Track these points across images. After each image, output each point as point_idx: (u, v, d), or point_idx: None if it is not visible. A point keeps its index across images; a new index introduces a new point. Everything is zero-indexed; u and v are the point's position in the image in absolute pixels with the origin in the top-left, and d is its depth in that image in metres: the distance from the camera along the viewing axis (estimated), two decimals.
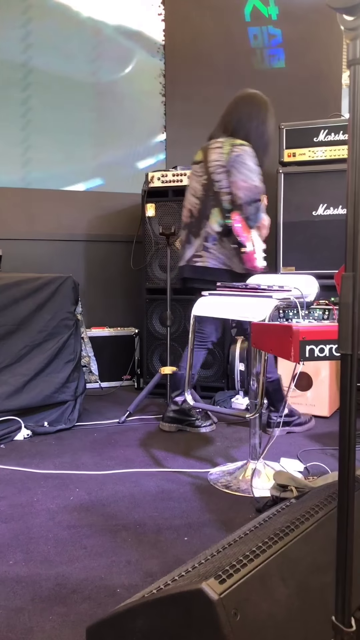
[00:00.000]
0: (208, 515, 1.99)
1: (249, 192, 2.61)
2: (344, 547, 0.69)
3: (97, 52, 4.19)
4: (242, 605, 0.96)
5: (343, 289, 0.65)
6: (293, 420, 2.95)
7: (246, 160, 2.63)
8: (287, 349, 1.56)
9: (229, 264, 2.74)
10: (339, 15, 0.63)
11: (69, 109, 4.13)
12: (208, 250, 2.76)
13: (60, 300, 3.00)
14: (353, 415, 0.67)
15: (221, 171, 2.70)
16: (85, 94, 4.18)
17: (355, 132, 0.62)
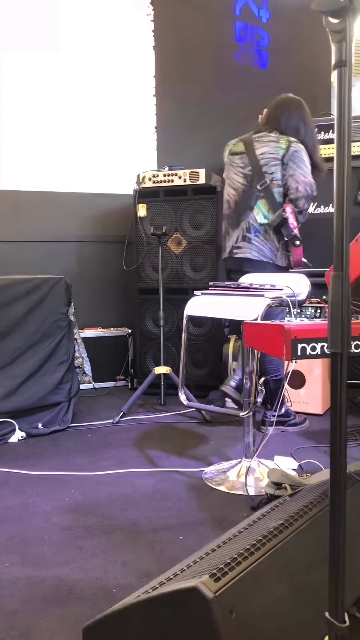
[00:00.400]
0: (203, 514, 2.00)
1: (308, 187, 2.66)
2: (337, 543, 0.70)
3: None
4: (237, 603, 0.97)
5: (332, 289, 0.66)
6: (288, 420, 2.97)
7: (304, 157, 2.68)
8: (279, 347, 1.57)
9: (271, 257, 2.76)
10: (324, 18, 0.64)
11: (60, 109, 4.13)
12: (250, 241, 2.77)
13: (53, 302, 3.00)
14: (344, 412, 0.67)
15: (276, 164, 2.70)
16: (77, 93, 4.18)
17: (342, 134, 0.63)
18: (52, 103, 4.10)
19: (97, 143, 4.24)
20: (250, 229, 2.76)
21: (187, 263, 3.71)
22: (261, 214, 2.74)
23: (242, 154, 2.84)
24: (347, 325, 0.65)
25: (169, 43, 4.35)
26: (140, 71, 4.32)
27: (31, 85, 4.04)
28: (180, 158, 4.18)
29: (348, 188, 0.64)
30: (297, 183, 2.65)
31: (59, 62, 4.09)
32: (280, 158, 2.69)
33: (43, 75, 4.06)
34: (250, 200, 2.77)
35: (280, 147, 2.70)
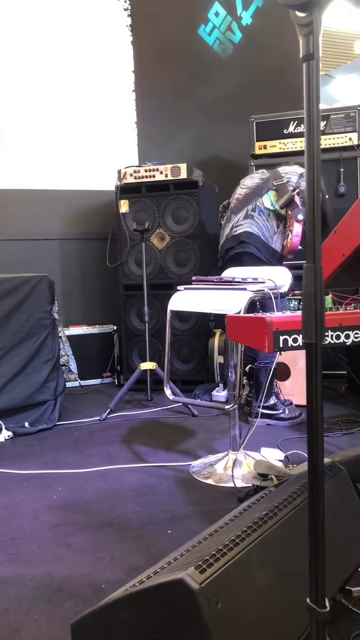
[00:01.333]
0: (191, 507, 2.01)
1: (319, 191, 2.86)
2: (316, 529, 0.71)
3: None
4: (223, 594, 0.98)
5: (305, 280, 0.67)
6: (276, 413, 2.97)
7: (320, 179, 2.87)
8: (262, 339, 1.58)
9: (268, 238, 2.90)
10: (291, 12, 0.64)
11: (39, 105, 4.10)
12: (252, 218, 2.93)
13: (36, 300, 2.99)
14: (319, 403, 0.68)
15: (294, 174, 2.94)
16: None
17: (311, 126, 0.64)
18: (30, 100, 4.07)
19: (77, 139, 4.22)
20: (255, 209, 2.93)
21: (171, 258, 3.71)
22: (269, 200, 2.92)
23: (263, 172, 3.09)
24: (321, 315, 0.66)
25: (147, 38, 4.34)
26: (119, 67, 4.30)
27: (7, 82, 4.01)
28: (161, 153, 4.17)
29: (319, 180, 0.65)
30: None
31: (37, 59, 4.06)
32: (300, 173, 2.93)
33: (20, 73, 4.02)
34: (261, 190, 2.96)
35: (303, 169, 2.92)
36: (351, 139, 3.53)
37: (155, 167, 3.68)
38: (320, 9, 0.62)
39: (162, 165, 3.67)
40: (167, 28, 4.38)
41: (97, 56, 4.23)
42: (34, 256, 4.08)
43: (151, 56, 4.36)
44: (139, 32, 4.31)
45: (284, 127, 3.67)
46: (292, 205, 2.86)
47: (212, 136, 4.43)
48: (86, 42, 4.19)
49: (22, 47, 4.00)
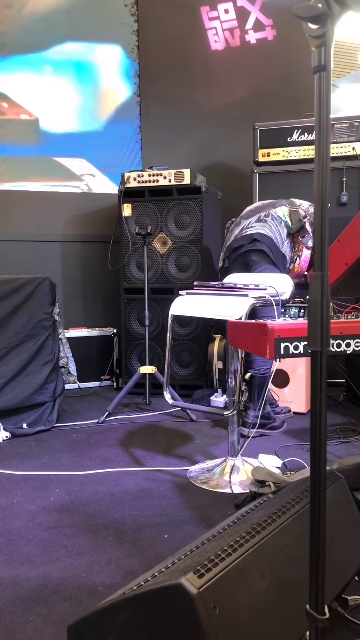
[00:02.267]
0: (188, 512, 2.01)
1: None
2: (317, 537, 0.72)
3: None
4: (221, 599, 0.98)
5: (312, 288, 0.67)
6: (268, 422, 2.95)
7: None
8: (263, 346, 1.58)
9: (279, 242, 2.93)
10: (304, 23, 0.65)
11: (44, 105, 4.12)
12: (265, 222, 2.97)
13: (38, 302, 2.99)
14: (323, 410, 0.69)
15: (305, 204, 3.03)
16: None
17: (321, 136, 0.64)
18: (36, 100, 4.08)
19: (82, 143, 4.23)
20: (268, 215, 2.99)
21: (172, 263, 3.72)
22: (282, 212, 2.98)
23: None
24: (327, 323, 0.66)
25: (154, 43, 4.36)
26: (124, 70, 4.32)
27: (16, 83, 4.03)
28: (165, 158, 4.19)
29: (327, 190, 0.66)
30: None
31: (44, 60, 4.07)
32: (309, 205, 3.02)
33: (28, 74, 4.04)
34: (275, 204, 3.04)
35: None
36: (354, 149, 3.54)
37: (158, 172, 3.69)
38: (333, 21, 0.63)
39: (166, 170, 3.68)
40: (173, 34, 4.40)
41: (103, 60, 4.25)
42: (35, 257, 4.09)
43: (157, 61, 4.38)
44: (145, 37, 4.33)
45: (288, 135, 3.68)
46: (302, 231, 2.91)
47: (216, 142, 4.45)
48: (93, 45, 4.20)
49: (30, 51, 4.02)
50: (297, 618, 1.10)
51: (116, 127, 4.34)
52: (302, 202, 3.06)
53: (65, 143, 4.20)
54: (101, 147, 4.29)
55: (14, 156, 4.07)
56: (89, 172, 4.27)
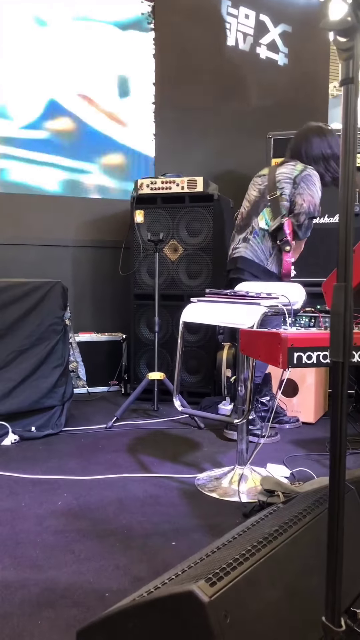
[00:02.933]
0: (195, 520, 2.01)
1: (312, 206, 2.78)
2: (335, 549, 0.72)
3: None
4: (232, 608, 0.98)
5: (335, 299, 0.68)
6: (252, 429, 2.90)
7: (315, 182, 2.81)
8: (276, 355, 1.58)
9: (263, 260, 2.87)
10: (332, 36, 0.66)
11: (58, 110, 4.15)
12: (248, 241, 2.91)
13: (49, 306, 3.01)
14: (344, 420, 0.69)
15: (288, 181, 2.84)
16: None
17: (348, 148, 0.65)
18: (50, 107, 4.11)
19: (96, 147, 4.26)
20: (252, 232, 2.91)
21: (183, 270, 3.72)
22: (264, 220, 2.88)
23: (264, 175, 3.00)
24: (349, 334, 0.66)
25: (170, 51, 4.39)
26: (140, 78, 4.35)
27: (29, 89, 4.06)
28: (178, 165, 4.21)
29: (352, 202, 0.66)
30: (303, 200, 2.78)
31: (59, 66, 4.11)
32: (293, 178, 2.83)
33: (41, 79, 4.07)
34: (258, 208, 2.92)
35: (296, 170, 2.85)
36: None
37: (171, 179, 3.70)
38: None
39: (179, 178, 3.70)
40: (189, 43, 4.43)
41: (119, 66, 4.28)
42: (48, 262, 4.11)
43: (172, 70, 4.40)
44: (161, 45, 4.36)
45: None
46: (280, 234, 2.81)
47: (229, 151, 4.47)
48: (109, 52, 4.24)
49: (41, 54, 4.06)
50: (308, 629, 1.10)
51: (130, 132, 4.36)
52: (284, 179, 2.84)
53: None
54: (115, 152, 4.31)
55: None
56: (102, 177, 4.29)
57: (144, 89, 4.35)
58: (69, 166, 4.20)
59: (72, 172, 4.21)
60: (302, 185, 2.80)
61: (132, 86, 4.32)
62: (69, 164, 4.20)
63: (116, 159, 4.33)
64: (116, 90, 4.28)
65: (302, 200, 2.78)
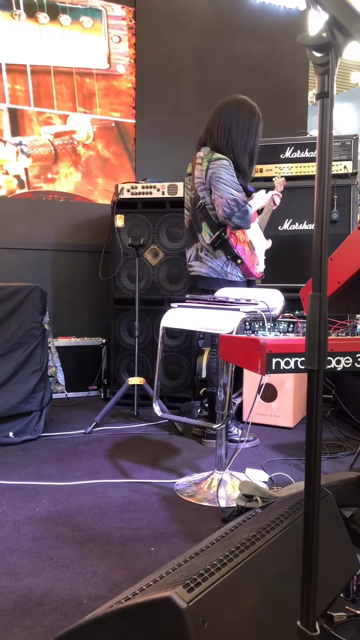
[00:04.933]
0: (174, 525, 2.01)
1: (227, 207, 2.67)
2: (310, 553, 0.73)
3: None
4: (210, 614, 0.98)
5: (311, 308, 0.69)
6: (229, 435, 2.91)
7: (221, 175, 2.68)
8: (254, 361, 1.60)
9: (221, 273, 2.84)
10: (308, 51, 0.67)
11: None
12: (201, 259, 2.87)
13: (28, 310, 2.99)
14: (319, 426, 0.70)
15: (202, 188, 2.79)
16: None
17: (324, 161, 0.66)
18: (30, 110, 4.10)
19: (77, 152, 4.25)
20: (202, 248, 2.87)
21: (164, 274, 3.73)
22: (207, 235, 2.83)
23: (189, 175, 2.95)
24: (324, 343, 0.68)
25: (150, 57, 4.40)
26: (120, 83, 4.35)
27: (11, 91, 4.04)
28: (158, 170, 4.22)
29: (328, 212, 0.67)
30: (217, 207, 2.71)
31: (39, 68, 4.09)
32: (205, 182, 2.76)
33: (23, 84, 4.06)
34: (197, 222, 2.87)
35: (203, 170, 2.76)
36: (346, 167, 3.60)
37: (152, 184, 3.71)
38: (337, 50, 0.65)
39: (160, 183, 3.71)
40: (170, 48, 4.45)
41: (100, 71, 4.28)
42: (26, 265, 4.08)
43: (153, 74, 4.42)
44: (142, 51, 4.37)
45: (281, 152, 3.73)
46: (227, 249, 2.77)
47: None
48: (90, 57, 4.24)
49: (24, 60, 4.04)
50: (285, 634, 1.11)
51: (111, 137, 4.36)
52: (199, 183, 2.77)
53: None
54: (96, 157, 4.31)
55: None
56: (82, 181, 4.28)
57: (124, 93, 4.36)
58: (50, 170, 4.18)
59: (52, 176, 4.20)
60: (212, 190, 2.71)
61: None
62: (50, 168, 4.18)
63: (97, 162, 4.32)
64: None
65: (217, 207, 2.70)
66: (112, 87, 4.33)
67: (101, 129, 4.31)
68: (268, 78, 4.79)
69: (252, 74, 4.75)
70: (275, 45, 4.79)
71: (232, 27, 4.66)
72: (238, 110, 2.84)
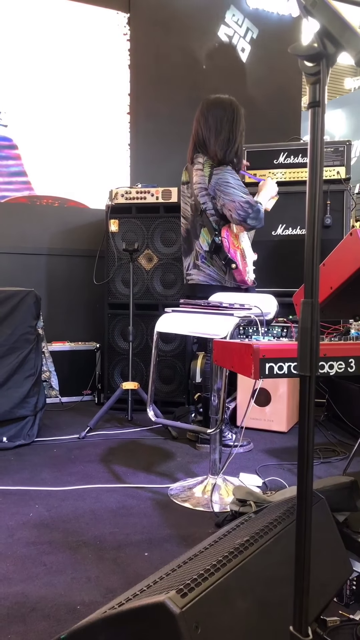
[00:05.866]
0: (168, 530, 2.01)
1: (241, 210, 2.67)
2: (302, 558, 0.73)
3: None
4: (203, 619, 0.98)
5: (302, 314, 0.69)
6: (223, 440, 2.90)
7: (228, 180, 2.71)
8: (248, 366, 1.60)
9: (219, 279, 2.86)
10: (300, 61, 0.68)
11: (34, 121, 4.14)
12: (198, 268, 2.90)
13: (22, 315, 2.98)
14: (311, 431, 0.71)
15: (204, 194, 2.80)
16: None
17: (315, 169, 0.67)
18: (26, 116, 4.10)
19: (71, 158, 4.25)
20: (198, 256, 2.90)
21: (158, 279, 3.74)
22: (205, 242, 2.86)
23: (187, 183, 2.97)
24: (316, 349, 0.68)
25: (145, 62, 4.42)
26: (115, 89, 4.37)
27: (5, 97, 4.04)
28: (153, 175, 4.23)
29: (319, 219, 0.68)
30: (230, 211, 2.70)
31: (34, 76, 4.10)
32: (207, 188, 2.78)
33: (16, 89, 4.06)
34: (196, 229, 2.90)
35: (205, 176, 2.78)
36: (339, 173, 3.62)
37: (146, 189, 3.72)
38: (328, 60, 0.66)
39: (154, 188, 3.72)
40: (164, 54, 4.47)
41: (94, 78, 4.29)
42: (21, 270, 4.08)
43: (148, 80, 4.44)
44: (137, 56, 4.39)
45: (274, 158, 3.75)
46: (222, 253, 2.79)
47: None
48: (84, 63, 4.25)
49: (20, 65, 4.05)
50: (278, 639, 1.11)
51: (105, 142, 4.37)
52: (200, 193, 2.78)
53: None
54: (90, 162, 4.31)
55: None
56: (77, 186, 4.29)
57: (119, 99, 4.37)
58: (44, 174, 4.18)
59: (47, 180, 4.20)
60: (219, 195, 2.71)
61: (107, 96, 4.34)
62: (44, 173, 4.19)
63: (92, 167, 4.33)
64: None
65: (230, 212, 2.70)
66: None
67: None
68: (262, 84, 4.82)
69: (246, 80, 4.77)
70: (269, 51, 4.82)
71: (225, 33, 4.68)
72: (220, 109, 2.85)
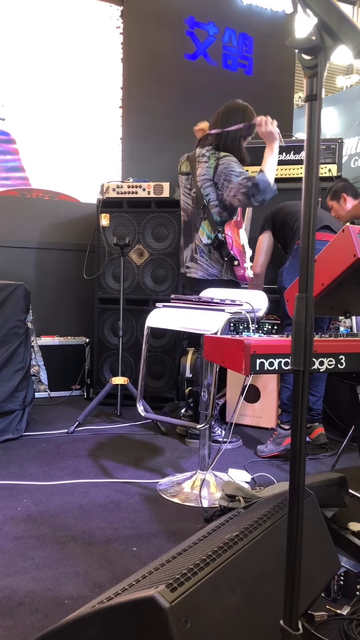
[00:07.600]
0: (157, 525, 2.01)
1: (243, 188, 2.64)
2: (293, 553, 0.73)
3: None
4: (193, 613, 0.98)
5: (297, 309, 0.69)
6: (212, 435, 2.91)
7: (234, 168, 2.71)
8: (239, 362, 1.60)
9: (217, 274, 2.85)
10: (298, 54, 0.68)
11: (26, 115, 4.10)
12: (197, 261, 2.89)
13: (11, 308, 2.96)
14: (303, 426, 0.71)
15: (209, 185, 2.79)
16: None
17: (311, 164, 0.67)
18: (18, 110, 4.07)
19: (62, 151, 4.23)
20: (197, 249, 2.89)
21: (149, 274, 3.73)
22: (205, 235, 2.85)
23: (188, 174, 2.96)
24: (310, 344, 0.68)
25: (138, 56, 4.40)
26: (107, 83, 4.34)
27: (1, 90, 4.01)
28: (144, 170, 4.21)
29: (315, 216, 0.68)
30: (235, 196, 2.69)
31: (27, 70, 4.07)
32: (212, 179, 2.78)
33: (12, 82, 4.03)
34: (196, 222, 2.89)
35: (210, 167, 2.78)
36: (331, 170, 3.63)
37: (138, 184, 3.71)
38: (326, 53, 0.66)
39: (145, 183, 3.71)
40: (157, 48, 4.45)
41: (86, 72, 4.26)
42: (10, 263, 4.05)
43: (140, 75, 4.41)
44: (130, 50, 4.36)
45: None
46: (224, 250, 2.79)
47: None
48: (77, 56, 4.22)
49: (13, 57, 4.01)
50: (267, 633, 1.11)
51: (97, 136, 4.34)
52: (204, 184, 2.80)
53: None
54: (81, 156, 4.29)
55: None
56: (68, 179, 4.26)
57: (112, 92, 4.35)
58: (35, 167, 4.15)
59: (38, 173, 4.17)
60: (224, 183, 2.72)
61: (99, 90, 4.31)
62: (35, 166, 4.15)
63: (83, 161, 4.30)
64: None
65: (234, 197, 2.69)
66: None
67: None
68: (254, 80, 4.81)
69: (238, 76, 4.76)
70: (261, 47, 4.82)
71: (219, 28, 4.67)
72: (234, 112, 2.91)
